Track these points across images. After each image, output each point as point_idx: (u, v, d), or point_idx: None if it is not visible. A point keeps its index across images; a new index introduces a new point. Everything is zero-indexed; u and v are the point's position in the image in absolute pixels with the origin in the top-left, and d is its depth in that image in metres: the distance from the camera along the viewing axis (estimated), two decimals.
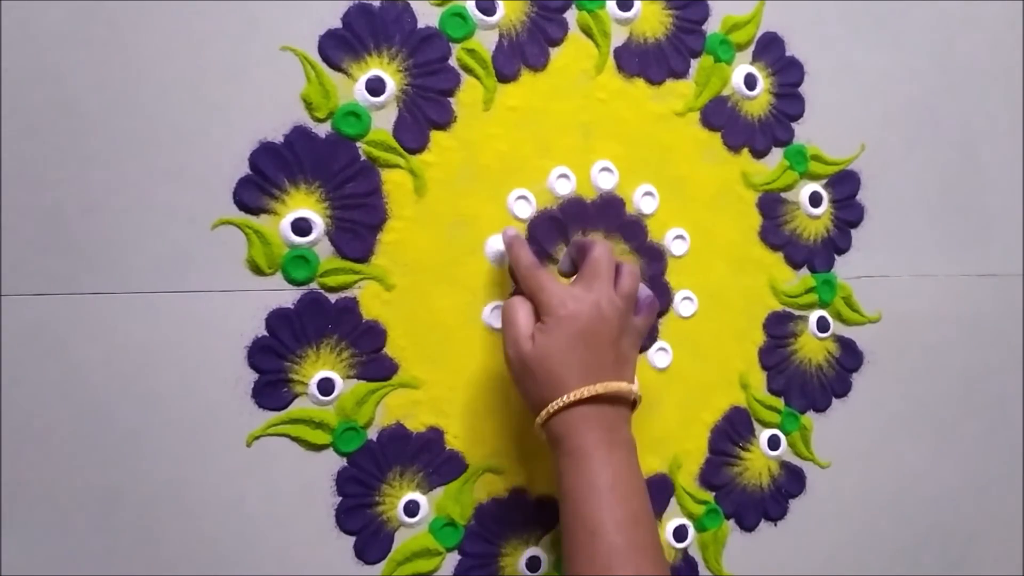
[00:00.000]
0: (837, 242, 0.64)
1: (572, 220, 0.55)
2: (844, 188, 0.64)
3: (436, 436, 0.53)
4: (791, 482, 0.63)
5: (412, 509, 0.53)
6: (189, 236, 0.48)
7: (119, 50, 0.47)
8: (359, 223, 0.51)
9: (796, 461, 0.63)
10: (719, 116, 0.60)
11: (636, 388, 0.47)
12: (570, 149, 0.56)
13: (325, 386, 0.50)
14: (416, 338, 0.53)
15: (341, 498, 0.51)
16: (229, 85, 0.48)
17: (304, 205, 0.50)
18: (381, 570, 0.52)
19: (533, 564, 0.55)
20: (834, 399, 0.64)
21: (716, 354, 0.60)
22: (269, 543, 0.50)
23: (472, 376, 0.54)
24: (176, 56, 0.47)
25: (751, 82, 0.60)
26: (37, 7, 0.45)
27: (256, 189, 0.49)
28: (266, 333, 0.49)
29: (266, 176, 0.49)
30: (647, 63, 0.57)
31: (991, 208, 0.69)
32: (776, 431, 0.62)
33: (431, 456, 0.53)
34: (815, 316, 0.63)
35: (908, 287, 0.66)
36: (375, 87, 0.51)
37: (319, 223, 0.50)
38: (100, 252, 0.47)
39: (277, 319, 0.50)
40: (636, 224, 0.57)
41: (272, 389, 0.50)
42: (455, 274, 0.53)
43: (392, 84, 0.51)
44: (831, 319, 0.64)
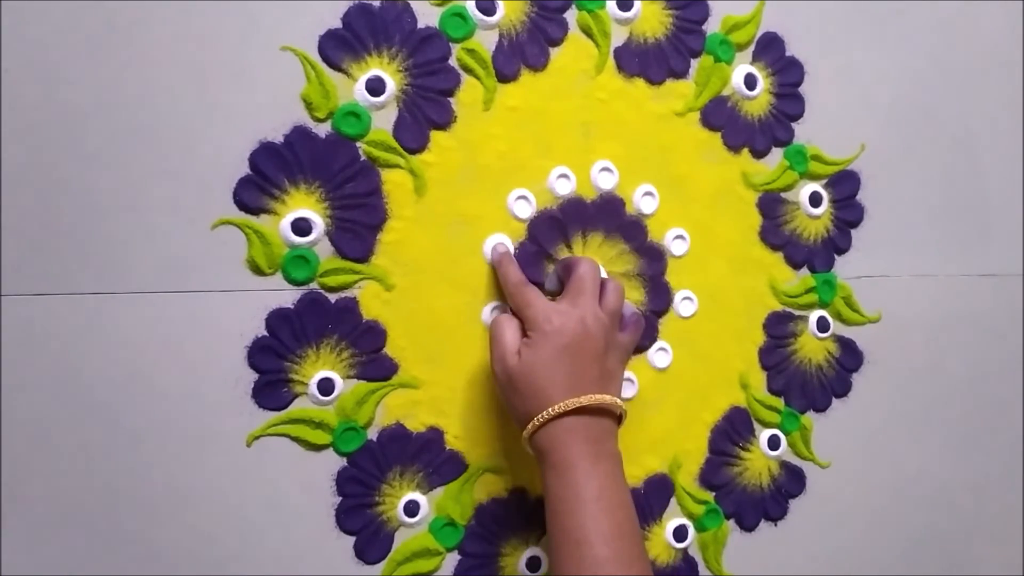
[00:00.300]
0: (837, 242, 0.64)
1: (572, 220, 0.55)
2: (844, 188, 0.64)
3: (436, 436, 0.53)
4: (791, 482, 0.63)
5: (412, 509, 0.53)
6: (189, 236, 0.48)
7: (119, 50, 0.47)
8: (359, 223, 0.51)
9: (796, 461, 0.63)
10: (719, 116, 0.60)
11: (622, 403, 0.47)
12: (570, 149, 0.56)
13: (325, 386, 0.50)
14: (416, 338, 0.53)
15: (341, 498, 0.51)
16: (229, 85, 0.48)
17: (304, 205, 0.50)
18: (381, 570, 0.52)
19: (533, 564, 0.55)
20: (834, 399, 0.64)
21: (716, 354, 0.60)
22: (269, 543, 0.50)
23: (472, 376, 0.54)
24: (176, 56, 0.47)
25: (751, 82, 0.60)
26: (37, 7, 0.45)
27: (256, 189, 0.49)
28: (266, 333, 0.49)
29: (266, 176, 0.49)
30: (647, 63, 0.57)
31: (991, 208, 0.69)
32: (776, 431, 0.62)
33: (431, 456, 0.53)
34: (815, 316, 0.63)
35: (908, 287, 0.66)
36: (375, 87, 0.51)
37: (319, 223, 0.50)
38: (100, 252, 0.47)
39: (277, 319, 0.50)
40: (636, 224, 0.57)
41: (272, 389, 0.50)
42: (455, 274, 0.53)
43: (392, 84, 0.51)
44: (831, 319, 0.64)
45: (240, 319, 0.49)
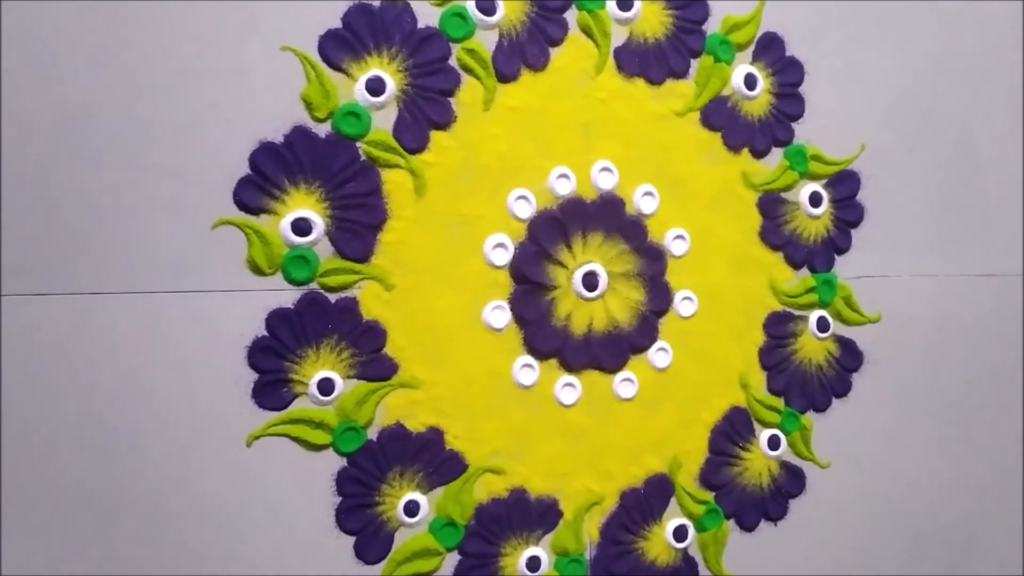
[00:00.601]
0: (837, 242, 0.64)
1: (572, 220, 0.55)
2: (844, 188, 0.64)
3: (436, 436, 0.53)
4: (791, 482, 0.63)
5: (412, 509, 0.53)
6: (189, 236, 0.48)
7: (119, 50, 0.47)
8: (359, 223, 0.51)
9: (796, 461, 0.63)
10: (719, 116, 0.60)
11: None
12: (570, 149, 0.56)
13: (325, 386, 0.50)
14: (416, 338, 0.53)
15: (341, 498, 0.51)
16: (229, 85, 0.48)
17: (304, 205, 0.50)
18: (381, 570, 0.52)
19: (533, 564, 0.55)
20: (834, 399, 0.64)
21: (716, 354, 0.60)
22: (269, 543, 0.50)
23: (472, 376, 0.54)
24: (176, 56, 0.47)
25: (751, 82, 0.60)
26: (37, 7, 0.45)
27: (256, 189, 0.49)
28: (266, 333, 0.49)
29: (266, 176, 0.49)
30: (647, 63, 0.57)
31: (991, 208, 0.69)
32: (776, 431, 0.62)
33: (431, 456, 0.53)
34: (815, 316, 0.63)
35: (908, 287, 0.66)
36: (375, 87, 0.51)
37: (319, 223, 0.50)
38: (100, 252, 0.47)
39: (277, 319, 0.50)
40: (636, 224, 0.57)
41: (272, 389, 0.50)
42: (455, 274, 0.53)
43: (392, 84, 0.51)
44: (831, 319, 0.64)
45: (240, 319, 0.49)
